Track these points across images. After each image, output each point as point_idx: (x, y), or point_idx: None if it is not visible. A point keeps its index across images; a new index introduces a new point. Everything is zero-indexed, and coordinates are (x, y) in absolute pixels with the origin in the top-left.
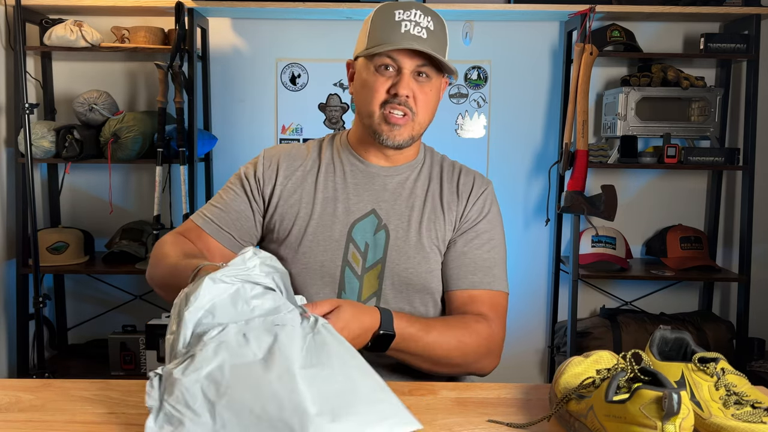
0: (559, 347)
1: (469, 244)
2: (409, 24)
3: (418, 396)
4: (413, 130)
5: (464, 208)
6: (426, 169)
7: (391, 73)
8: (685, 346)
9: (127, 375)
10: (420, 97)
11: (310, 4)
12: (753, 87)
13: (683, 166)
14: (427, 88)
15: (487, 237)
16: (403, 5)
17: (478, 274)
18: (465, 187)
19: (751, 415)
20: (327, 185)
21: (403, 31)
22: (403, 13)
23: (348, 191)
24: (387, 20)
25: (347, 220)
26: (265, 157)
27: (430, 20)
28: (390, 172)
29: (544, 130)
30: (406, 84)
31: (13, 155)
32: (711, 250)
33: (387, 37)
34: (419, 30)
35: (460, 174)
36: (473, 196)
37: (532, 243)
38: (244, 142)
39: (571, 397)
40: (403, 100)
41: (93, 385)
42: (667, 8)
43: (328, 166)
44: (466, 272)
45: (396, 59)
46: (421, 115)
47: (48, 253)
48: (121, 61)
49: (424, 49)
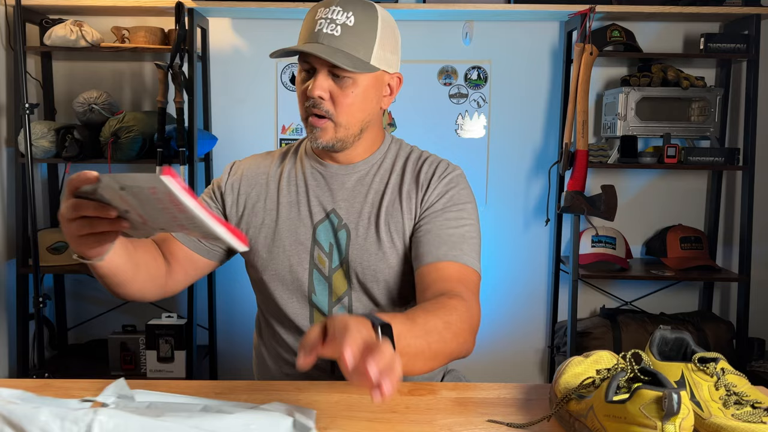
0: (559, 347)
1: (433, 222)
2: (324, 22)
3: (418, 396)
4: (337, 132)
5: (424, 194)
6: (387, 163)
7: (308, 76)
8: (685, 346)
9: (127, 375)
10: (339, 98)
11: (310, 4)
12: (753, 87)
13: (683, 166)
14: (348, 90)
15: (454, 215)
16: (329, 2)
17: (443, 248)
18: (426, 174)
19: (751, 415)
20: (290, 190)
21: (315, 30)
22: (323, 11)
23: (309, 194)
24: (309, 18)
25: (310, 222)
26: (233, 168)
27: (351, 15)
28: (348, 170)
29: (544, 130)
30: (317, 85)
31: (13, 155)
32: (711, 250)
33: (301, 39)
34: (332, 28)
35: (424, 163)
36: (434, 181)
37: (532, 243)
38: (244, 142)
39: (571, 397)
40: (317, 102)
41: (93, 385)
42: (667, 8)
43: (290, 171)
44: (431, 247)
45: (309, 60)
46: (342, 117)
47: (48, 253)
48: (121, 61)
49: (316, 53)
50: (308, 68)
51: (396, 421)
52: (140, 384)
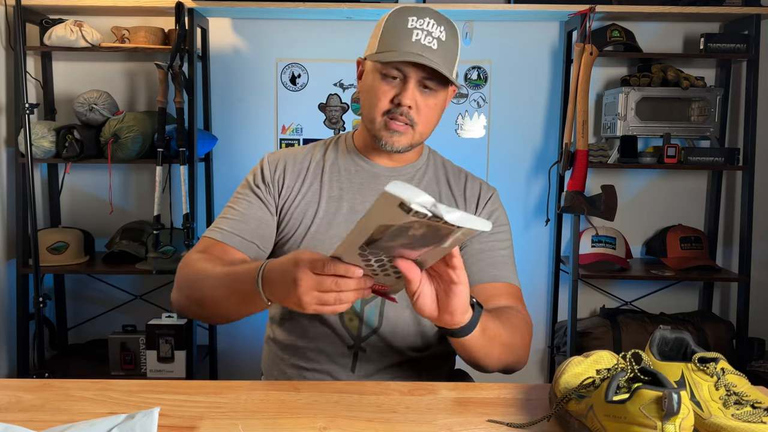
0: (559, 347)
1: (485, 243)
2: (420, 33)
3: (418, 396)
4: (413, 138)
5: (474, 211)
6: (431, 170)
7: (397, 82)
8: (685, 346)
9: (127, 375)
10: (423, 109)
11: (310, 4)
12: (753, 87)
13: (683, 166)
14: (431, 101)
15: (502, 237)
16: (418, 12)
17: (498, 269)
18: (473, 191)
19: (751, 415)
20: (332, 185)
21: (413, 40)
22: (416, 21)
23: (353, 191)
24: (400, 26)
25: (353, 218)
26: (270, 161)
27: (443, 30)
28: (394, 172)
29: (544, 130)
30: (410, 95)
31: (13, 155)
32: (711, 250)
33: (397, 44)
34: (430, 40)
35: (467, 179)
36: (482, 201)
37: (532, 243)
38: (244, 142)
39: (571, 397)
40: (405, 110)
41: (93, 385)
42: (667, 8)
43: (333, 166)
44: (486, 267)
45: (402, 69)
46: (421, 126)
47: (48, 253)
48: (121, 61)
49: (430, 63)
50: (397, 75)
51: (396, 421)
52: (140, 384)
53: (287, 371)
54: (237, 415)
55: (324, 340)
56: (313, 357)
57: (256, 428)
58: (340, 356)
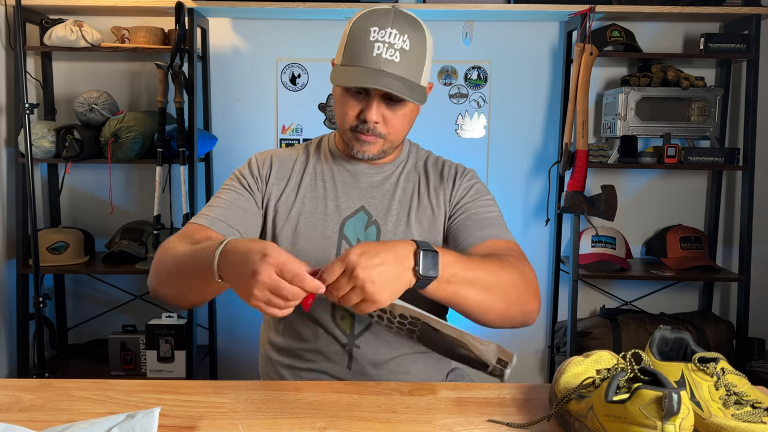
0: (559, 347)
1: (469, 210)
2: (382, 47)
3: (418, 396)
4: (384, 145)
5: (452, 189)
6: (411, 164)
7: (361, 96)
8: (685, 346)
9: (127, 375)
10: (391, 120)
11: (310, 4)
12: (753, 87)
13: (683, 166)
14: (399, 112)
15: (485, 203)
16: (381, 21)
17: (487, 229)
18: (449, 173)
19: (751, 415)
20: (316, 185)
21: (374, 55)
22: (377, 32)
23: (337, 190)
24: (362, 37)
25: (338, 217)
26: (257, 159)
27: (407, 39)
28: (375, 170)
29: (544, 130)
30: (374, 112)
31: (13, 155)
32: (711, 250)
33: (358, 58)
34: (392, 53)
35: (444, 165)
36: (458, 178)
37: (532, 243)
38: (244, 142)
39: (571, 397)
40: (372, 126)
41: (93, 385)
42: (667, 8)
43: (316, 166)
44: (475, 229)
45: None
46: (392, 135)
47: (48, 253)
48: (121, 61)
49: (385, 87)
50: (361, 90)
51: (396, 421)
52: (140, 384)
53: (284, 374)
54: (237, 415)
55: (318, 340)
56: (309, 357)
57: (256, 428)
58: (336, 354)
